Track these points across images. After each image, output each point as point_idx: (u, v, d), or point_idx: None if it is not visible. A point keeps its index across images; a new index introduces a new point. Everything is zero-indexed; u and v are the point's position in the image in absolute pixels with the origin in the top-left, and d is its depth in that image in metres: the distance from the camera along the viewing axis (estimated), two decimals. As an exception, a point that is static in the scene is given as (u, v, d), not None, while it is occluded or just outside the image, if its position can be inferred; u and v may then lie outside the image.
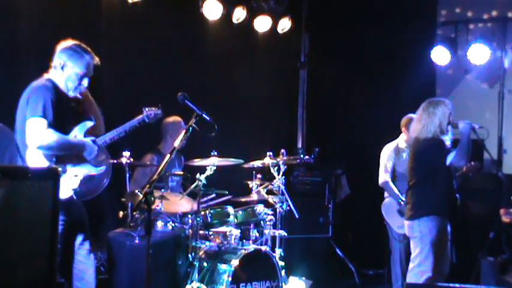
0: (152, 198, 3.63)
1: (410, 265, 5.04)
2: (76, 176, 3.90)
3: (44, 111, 3.76)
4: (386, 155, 6.27)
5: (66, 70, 3.91)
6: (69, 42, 3.98)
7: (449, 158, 4.95)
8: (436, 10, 8.09)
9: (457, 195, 5.12)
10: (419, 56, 7.68)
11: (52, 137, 3.76)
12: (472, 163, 5.62)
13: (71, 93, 3.96)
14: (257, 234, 5.55)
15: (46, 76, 3.96)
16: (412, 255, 5.04)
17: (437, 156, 4.96)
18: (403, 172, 5.97)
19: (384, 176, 6.21)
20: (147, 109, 4.39)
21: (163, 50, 6.51)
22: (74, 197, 3.93)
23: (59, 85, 3.93)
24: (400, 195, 5.97)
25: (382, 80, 7.83)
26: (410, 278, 4.98)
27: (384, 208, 6.25)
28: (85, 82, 3.96)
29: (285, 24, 7.67)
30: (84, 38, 4.15)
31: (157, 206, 5.09)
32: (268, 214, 5.54)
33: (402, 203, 5.86)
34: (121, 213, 5.40)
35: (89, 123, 4.08)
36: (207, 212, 5.24)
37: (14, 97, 4.95)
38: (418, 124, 5.05)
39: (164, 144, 5.95)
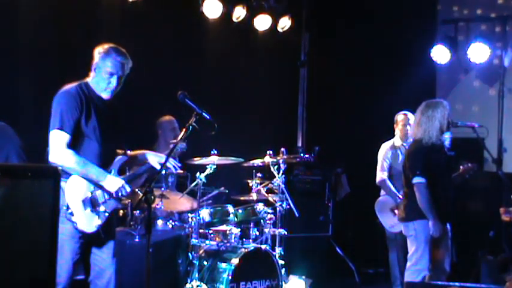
0: (152, 197, 3.63)
1: (408, 264, 5.05)
2: (105, 212, 3.86)
3: (62, 122, 3.72)
4: (383, 154, 6.29)
5: (97, 72, 3.88)
6: (107, 45, 3.94)
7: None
8: (436, 9, 8.09)
9: (455, 199, 5.10)
10: (419, 54, 7.67)
11: (70, 159, 3.71)
12: (469, 164, 5.61)
13: (104, 95, 3.90)
14: (257, 233, 5.55)
15: (86, 79, 3.92)
16: (409, 254, 5.05)
17: (436, 163, 4.94)
18: (400, 170, 5.98)
19: (380, 175, 6.23)
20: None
21: (163, 49, 6.51)
22: (102, 234, 3.87)
23: (94, 88, 3.90)
24: (397, 193, 5.97)
25: (382, 79, 7.82)
26: (407, 277, 4.99)
27: (377, 206, 6.27)
28: (113, 81, 3.88)
29: (285, 23, 7.66)
30: (84, 37, 4.14)
31: (157, 204, 5.09)
32: (268, 213, 5.54)
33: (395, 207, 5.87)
34: (121, 212, 5.41)
35: (123, 159, 4.02)
36: (207, 210, 5.24)
37: (14, 96, 4.98)
38: (419, 128, 5.00)
39: (159, 144, 5.95)
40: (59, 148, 3.72)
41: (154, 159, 4.14)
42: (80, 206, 3.74)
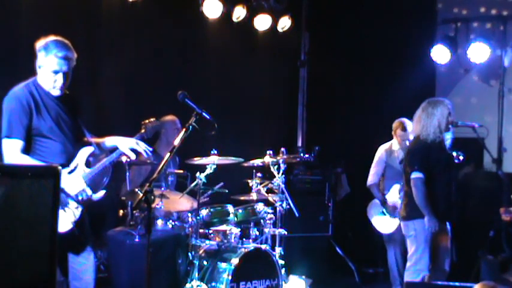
0: (152, 197, 3.61)
1: (408, 264, 5.05)
2: (77, 207, 3.77)
3: (10, 129, 3.61)
4: (377, 158, 6.38)
5: (42, 69, 3.73)
6: (46, 39, 3.77)
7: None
8: (436, 9, 8.09)
9: (455, 198, 5.10)
10: (419, 54, 7.67)
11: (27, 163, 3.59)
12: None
13: (53, 92, 3.76)
14: (257, 233, 5.55)
15: (35, 77, 3.79)
16: (409, 254, 5.04)
17: (434, 160, 4.94)
18: (395, 171, 6.06)
19: (370, 179, 6.39)
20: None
21: (163, 48, 6.52)
22: (76, 232, 3.76)
23: (43, 86, 3.75)
24: (383, 198, 6.19)
25: (382, 79, 7.83)
26: (407, 277, 4.99)
27: (368, 209, 6.37)
28: (59, 78, 3.70)
29: (285, 23, 7.66)
30: (84, 37, 4.14)
31: (158, 204, 5.09)
32: (268, 213, 5.54)
33: (384, 209, 6.16)
34: (121, 212, 5.41)
35: (89, 149, 3.91)
36: (207, 210, 5.24)
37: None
38: (418, 124, 5.04)
39: (159, 143, 5.94)
40: (12, 156, 3.62)
41: (124, 144, 4.02)
42: None
